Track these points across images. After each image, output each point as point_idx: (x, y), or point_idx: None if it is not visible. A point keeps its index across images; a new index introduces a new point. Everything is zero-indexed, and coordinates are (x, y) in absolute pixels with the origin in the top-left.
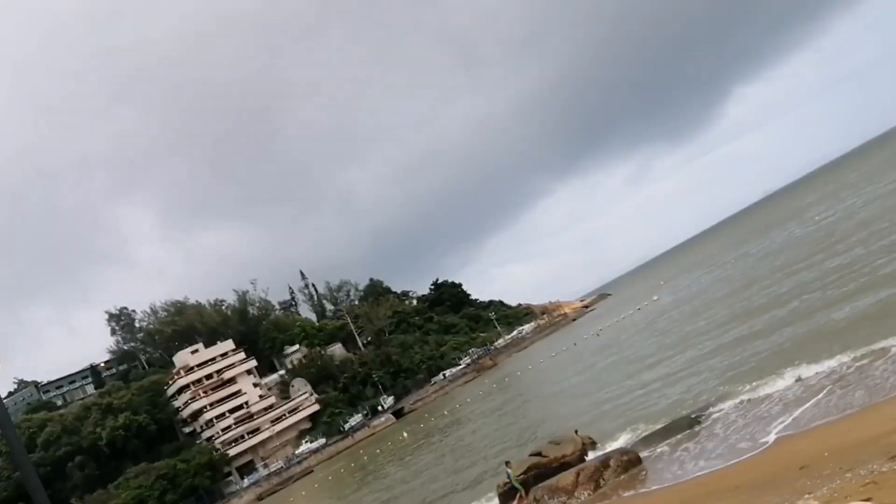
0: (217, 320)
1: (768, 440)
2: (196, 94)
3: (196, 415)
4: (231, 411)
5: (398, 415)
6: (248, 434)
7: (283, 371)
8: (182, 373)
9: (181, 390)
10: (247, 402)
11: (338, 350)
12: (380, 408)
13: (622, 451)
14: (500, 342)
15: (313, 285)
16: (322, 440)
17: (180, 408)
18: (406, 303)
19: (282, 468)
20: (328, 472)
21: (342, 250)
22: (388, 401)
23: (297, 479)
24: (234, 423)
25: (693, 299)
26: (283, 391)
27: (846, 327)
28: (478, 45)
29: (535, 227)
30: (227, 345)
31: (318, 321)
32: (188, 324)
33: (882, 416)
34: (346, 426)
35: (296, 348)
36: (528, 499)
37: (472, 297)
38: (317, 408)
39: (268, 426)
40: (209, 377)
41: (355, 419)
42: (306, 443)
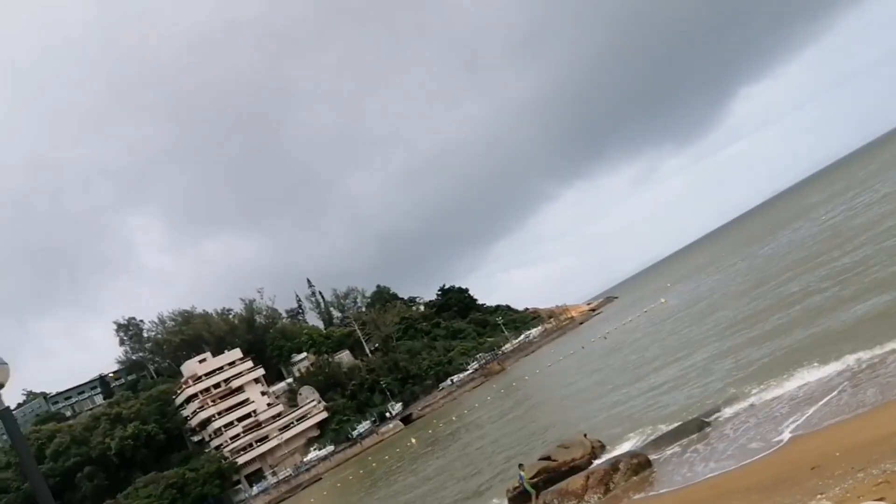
0: (224, 329)
1: (780, 440)
2: (202, 101)
3: (204, 424)
4: (239, 420)
5: (406, 421)
6: (256, 442)
7: (290, 379)
8: (190, 382)
9: (189, 399)
10: (255, 411)
11: (345, 357)
12: (388, 414)
13: (632, 454)
14: (508, 347)
15: (320, 293)
16: (330, 447)
17: (189, 417)
18: (413, 309)
19: (290, 476)
20: (337, 479)
21: (348, 257)
22: (396, 407)
23: (305, 487)
24: (243, 432)
25: (700, 301)
26: (291, 399)
27: (856, 327)
28: (482, 48)
29: (542, 231)
30: (235, 353)
31: (326, 328)
32: (196, 333)
33: (894, 415)
34: (355, 433)
35: (303, 356)
36: (539, 503)
37: (479, 301)
38: (325, 415)
39: (276, 434)
40: (217, 386)
41: (363, 426)
42: (315, 450)
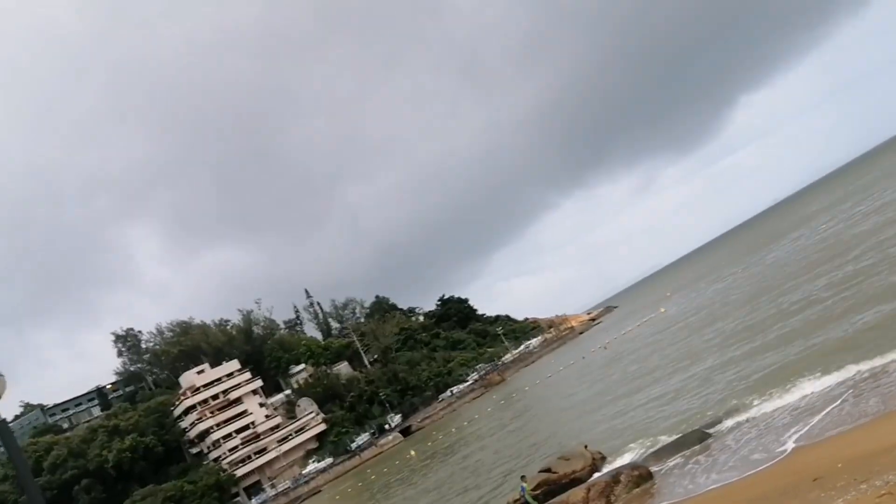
0: (222, 340)
1: (783, 451)
2: (201, 112)
3: (203, 435)
4: (238, 431)
5: (406, 433)
6: (254, 454)
7: (288, 391)
8: (188, 393)
9: (188, 411)
10: (253, 423)
11: (344, 368)
12: (387, 426)
13: (633, 466)
14: (508, 357)
15: (318, 303)
16: (329, 460)
17: (187, 428)
18: (412, 319)
19: (289, 488)
20: (335, 491)
21: (348, 267)
22: (395, 419)
23: (304, 499)
24: (241, 444)
25: (700, 311)
26: (290, 411)
27: (856, 337)
28: (481, 57)
29: (541, 241)
30: (233, 365)
31: (324, 340)
32: (194, 344)
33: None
34: (354, 445)
35: (301, 367)
36: None
37: (479, 312)
38: (323, 427)
39: (275, 446)
40: (215, 397)
41: (362, 438)
42: (313, 462)
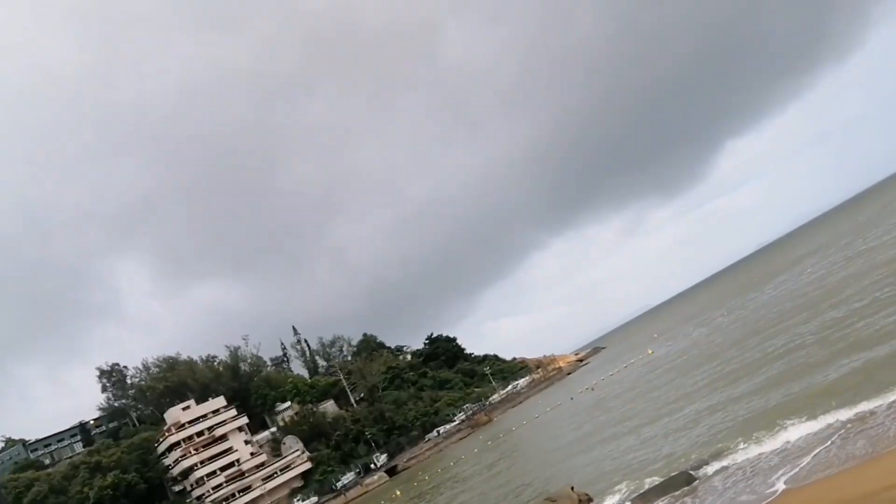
0: (209, 376)
1: (772, 492)
2: (190, 150)
3: (186, 473)
4: (222, 469)
5: (391, 473)
6: (239, 492)
7: (274, 428)
8: (173, 430)
9: (172, 447)
10: (238, 460)
11: (330, 407)
12: (373, 465)
13: None
14: (495, 397)
15: (306, 341)
16: (314, 498)
17: (171, 466)
18: (400, 358)
19: None
20: None
21: (335, 305)
22: (381, 458)
23: None
24: (226, 482)
25: (687, 352)
26: (275, 448)
27: (841, 381)
28: (472, 100)
29: (530, 281)
30: (219, 401)
31: (311, 377)
32: (180, 380)
33: (883, 469)
34: (339, 484)
35: (287, 405)
36: None
37: (467, 351)
38: (309, 465)
39: (259, 484)
40: (200, 434)
41: (348, 477)
42: (298, 501)
